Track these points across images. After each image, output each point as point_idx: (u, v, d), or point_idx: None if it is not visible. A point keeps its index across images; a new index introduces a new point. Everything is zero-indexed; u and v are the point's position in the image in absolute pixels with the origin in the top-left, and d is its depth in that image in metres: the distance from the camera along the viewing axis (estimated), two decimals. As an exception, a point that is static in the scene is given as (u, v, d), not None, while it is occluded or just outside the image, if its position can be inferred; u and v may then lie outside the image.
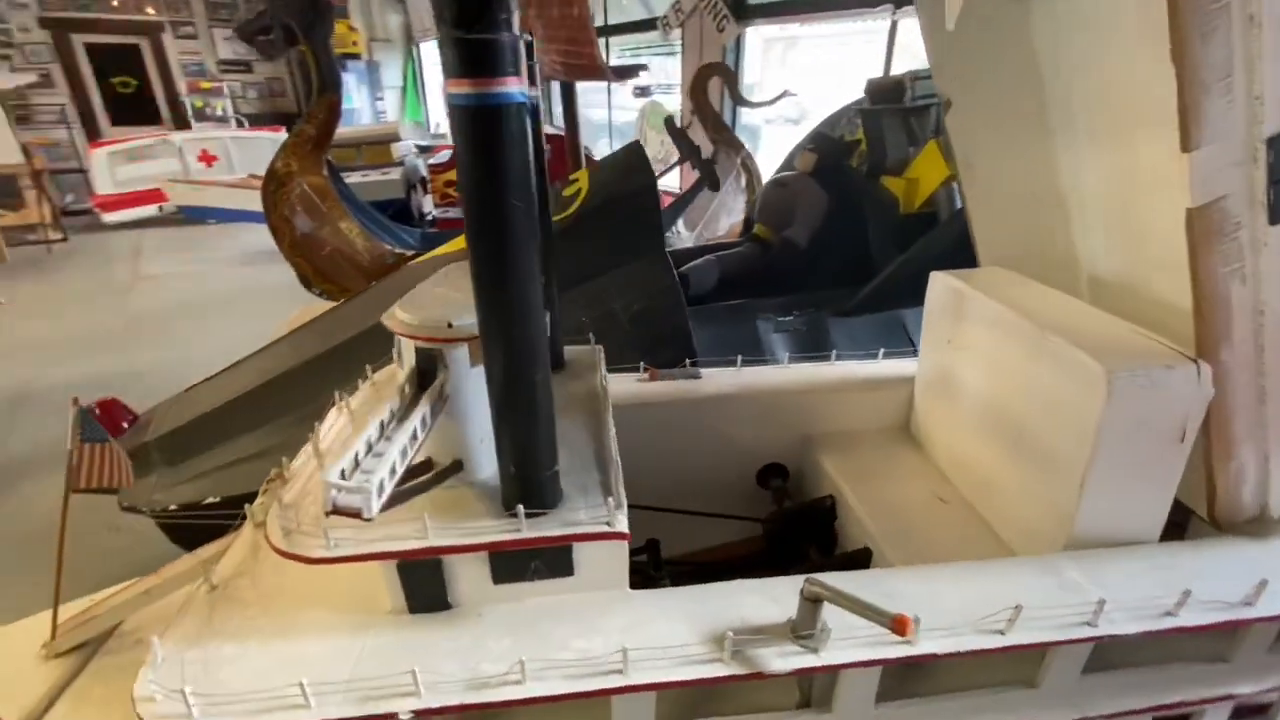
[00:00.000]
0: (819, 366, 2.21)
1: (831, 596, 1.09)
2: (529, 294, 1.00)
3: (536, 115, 1.52)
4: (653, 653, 1.11)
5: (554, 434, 1.16)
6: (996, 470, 1.69)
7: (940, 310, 1.90)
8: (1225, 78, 1.01)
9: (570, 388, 1.69)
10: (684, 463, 2.13)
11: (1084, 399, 1.29)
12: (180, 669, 1.10)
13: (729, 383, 2.12)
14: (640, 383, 2.13)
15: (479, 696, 1.07)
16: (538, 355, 1.05)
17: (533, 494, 1.16)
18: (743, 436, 2.14)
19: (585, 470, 1.31)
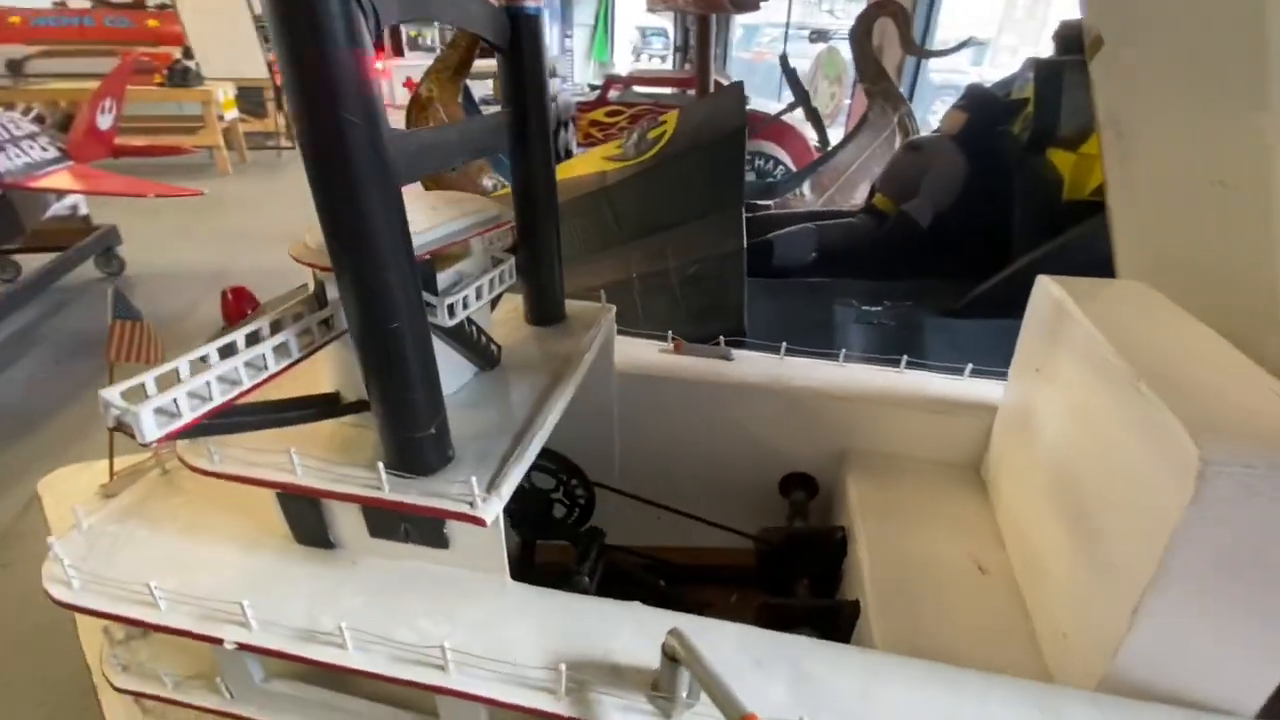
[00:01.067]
0: (882, 372, 1.82)
1: (686, 659, 0.85)
2: (374, 231, 0.86)
3: (536, 34, 1.33)
4: (489, 661, 0.97)
5: (432, 394, 1.03)
6: (1052, 549, 1.26)
7: (1036, 327, 1.44)
8: None
9: (551, 344, 1.54)
10: (699, 450, 1.91)
11: (1164, 486, 0.87)
12: (94, 539, 1.17)
13: (765, 371, 1.83)
14: (663, 353, 1.92)
15: (302, 650, 1.01)
16: (393, 303, 0.92)
17: (405, 454, 1.06)
18: (771, 435, 1.85)
19: (498, 437, 1.17)
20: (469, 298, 1.21)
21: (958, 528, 1.53)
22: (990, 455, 1.67)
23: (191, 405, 0.84)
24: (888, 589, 1.37)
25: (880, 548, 1.48)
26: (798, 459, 1.88)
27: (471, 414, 1.25)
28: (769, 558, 1.65)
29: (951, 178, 2.50)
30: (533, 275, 1.58)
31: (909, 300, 2.31)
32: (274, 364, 0.98)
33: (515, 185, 1.47)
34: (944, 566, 1.43)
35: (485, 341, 1.38)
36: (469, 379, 1.36)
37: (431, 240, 1.12)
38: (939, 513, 1.58)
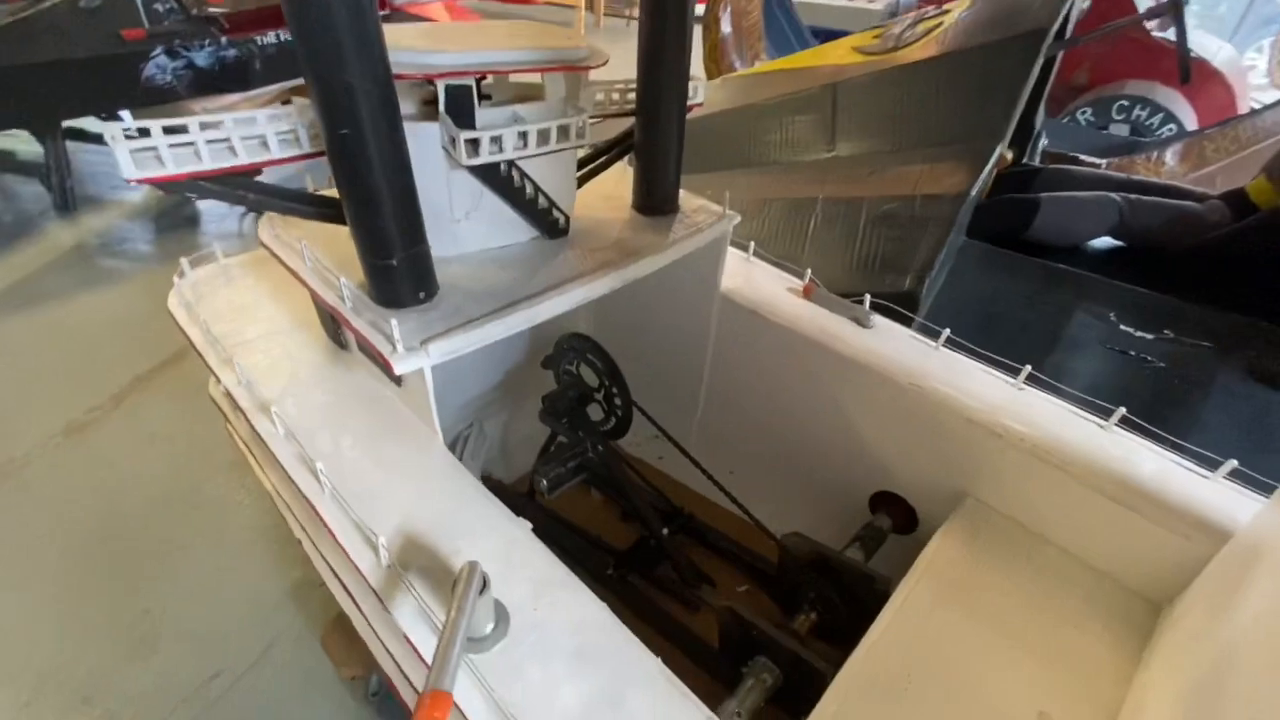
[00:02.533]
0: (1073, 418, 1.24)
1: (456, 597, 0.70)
2: (335, 29, 0.78)
3: None
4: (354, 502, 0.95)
5: (403, 222, 0.97)
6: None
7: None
8: None
9: (636, 234, 1.35)
10: (790, 421, 1.59)
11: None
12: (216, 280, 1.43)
13: (903, 357, 1.38)
14: (790, 292, 1.57)
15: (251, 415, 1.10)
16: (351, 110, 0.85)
17: (374, 279, 1.04)
18: (879, 439, 1.45)
19: (487, 300, 1.08)
20: (503, 140, 1.08)
21: (1058, 667, 1.02)
22: (1186, 598, 1.06)
23: (176, 159, 0.89)
24: (878, 681, 0.99)
25: (910, 628, 1.06)
26: (901, 480, 1.44)
27: (491, 271, 1.17)
28: (788, 567, 1.32)
29: None
30: (644, 155, 1.37)
31: (1208, 340, 1.50)
32: (277, 149, 0.99)
33: (641, 47, 1.25)
34: (987, 703, 0.97)
35: (545, 205, 1.25)
36: (522, 240, 1.27)
37: (459, 63, 0.99)
38: (1046, 635, 1.07)
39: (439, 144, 1.07)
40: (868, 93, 1.95)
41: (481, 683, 0.70)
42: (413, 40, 1.02)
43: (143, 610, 1.74)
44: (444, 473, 1.01)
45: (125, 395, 2.48)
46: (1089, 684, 0.99)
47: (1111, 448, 1.17)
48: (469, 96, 1.05)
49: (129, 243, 3.47)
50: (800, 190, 1.94)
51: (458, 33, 1.15)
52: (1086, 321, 1.60)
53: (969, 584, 1.14)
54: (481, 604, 0.73)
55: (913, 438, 1.35)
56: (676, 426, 1.51)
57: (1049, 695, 0.97)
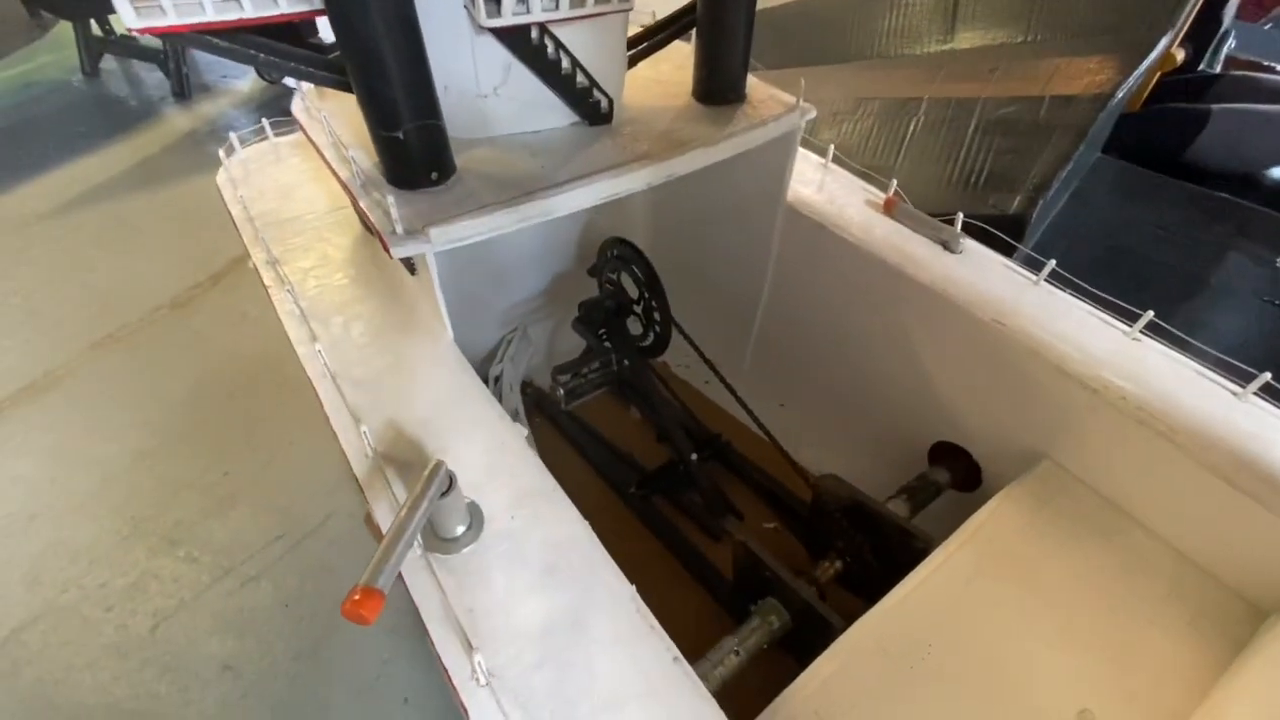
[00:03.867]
0: (1198, 380, 1.02)
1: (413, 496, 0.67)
2: None
3: None
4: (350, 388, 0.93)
5: (411, 90, 0.89)
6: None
7: None
8: None
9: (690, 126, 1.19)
10: (852, 349, 1.44)
11: None
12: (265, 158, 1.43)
13: (992, 291, 1.18)
14: (869, 206, 1.38)
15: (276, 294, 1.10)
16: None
17: (386, 155, 0.98)
18: (952, 380, 1.29)
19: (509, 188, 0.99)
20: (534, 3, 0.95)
21: (1118, 662, 0.88)
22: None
23: (178, 8, 0.84)
24: (890, 646, 0.89)
25: (943, 594, 0.95)
26: (969, 430, 1.28)
27: (519, 156, 1.07)
28: (820, 511, 1.22)
29: None
30: (706, 32, 1.20)
31: None
32: (287, 3, 0.91)
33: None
34: (1020, 690, 0.86)
35: (584, 84, 1.12)
36: (560, 125, 1.15)
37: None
38: (1113, 625, 0.92)
39: (461, 4, 0.96)
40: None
41: (438, 583, 0.67)
42: None
43: (224, 473, 1.91)
44: (449, 369, 0.97)
45: (223, 275, 2.65)
46: (1152, 688, 0.85)
47: (1243, 420, 0.95)
48: None
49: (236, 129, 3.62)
50: (904, 89, 1.66)
51: None
52: (1243, 265, 1.29)
53: (1025, 555, 0.99)
54: (449, 505, 0.69)
55: (989, 384, 1.17)
56: (730, 350, 1.40)
57: (1097, 693, 0.84)
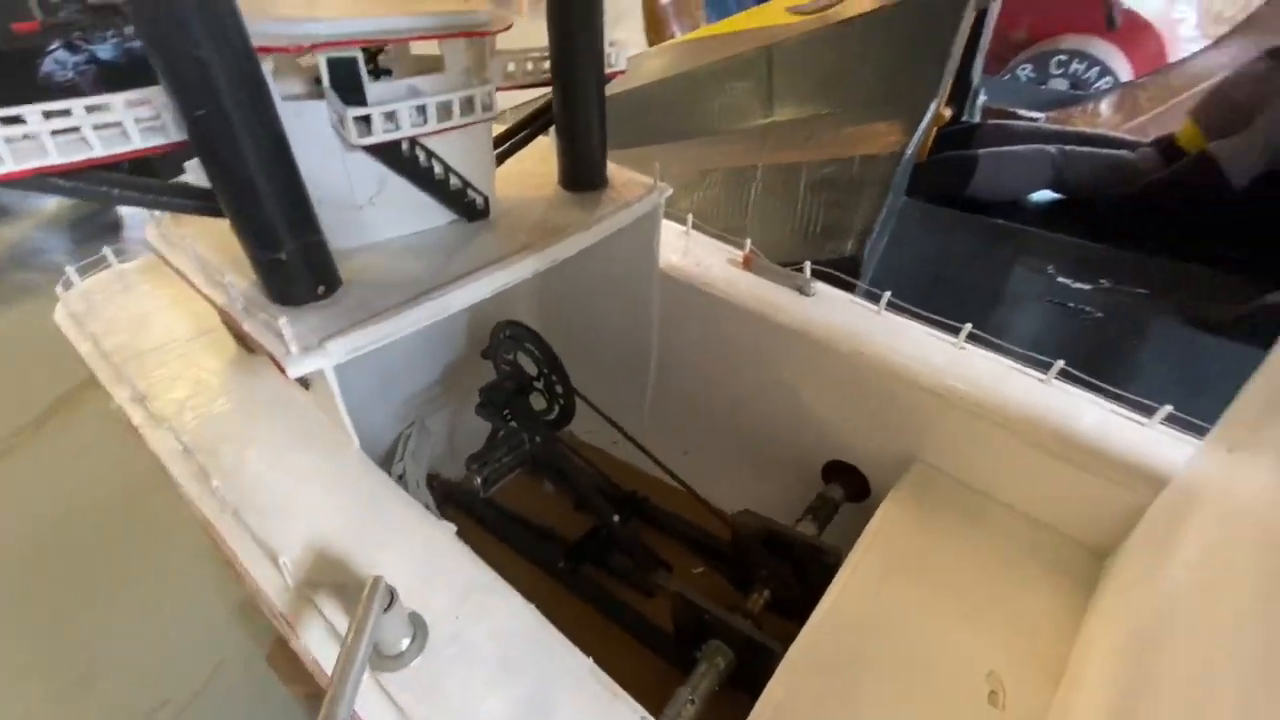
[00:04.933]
0: (1013, 375, 1.24)
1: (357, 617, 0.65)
2: (179, 17, 0.70)
3: None
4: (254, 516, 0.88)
5: (289, 211, 0.89)
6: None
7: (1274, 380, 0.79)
8: None
9: (563, 212, 1.29)
10: (739, 394, 1.56)
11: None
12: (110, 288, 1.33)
13: (843, 324, 1.35)
14: (730, 264, 1.53)
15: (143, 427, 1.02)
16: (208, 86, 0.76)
17: (265, 275, 0.96)
18: (826, 408, 1.43)
19: (398, 290, 1.01)
20: (399, 116, 1.00)
21: (1006, 625, 1.02)
22: (1127, 548, 1.06)
23: (15, 154, 0.80)
24: (826, 657, 0.97)
25: (859, 600, 1.05)
26: (852, 449, 1.43)
27: (402, 260, 1.10)
28: (740, 546, 1.30)
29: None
30: (565, 127, 1.31)
31: (1144, 286, 1.51)
32: (140, 138, 0.89)
33: (550, 12, 1.18)
34: (938, 667, 0.97)
35: (458, 185, 1.18)
36: (439, 224, 1.20)
37: (338, 32, 0.91)
38: (994, 594, 1.07)
39: (328, 125, 1.00)
40: (802, 54, 1.91)
41: (393, 703, 0.65)
42: (285, 7, 0.94)
43: (79, 642, 1.64)
44: (359, 479, 0.95)
45: (49, 417, 2.33)
46: (1036, 640, 0.99)
47: (1052, 401, 1.16)
48: (355, 69, 0.97)
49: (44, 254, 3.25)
50: (740, 159, 1.90)
51: (339, 0, 1.06)
52: (1026, 276, 1.60)
53: (917, 550, 1.13)
54: (391, 620, 0.68)
55: (859, 405, 1.33)
56: (628, 410, 1.47)
57: (998, 655, 0.97)
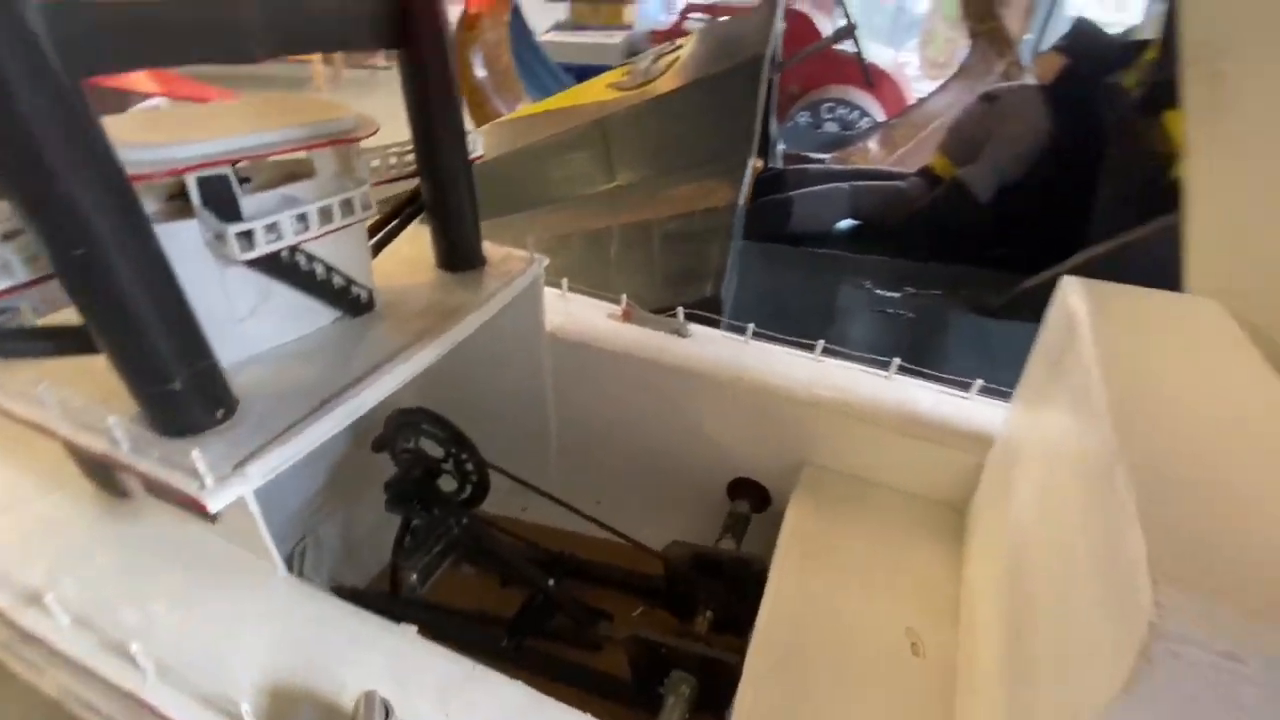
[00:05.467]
0: (864, 375, 1.47)
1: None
2: (34, 135, 0.66)
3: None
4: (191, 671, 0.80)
5: (179, 339, 0.84)
6: (988, 654, 0.93)
7: (1052, 343, 1.05)
8: None
9: (449, 294, 1.31)
10: (638, 436, 1.65)
11: (1103, 639, 0.53)
12: None
13: (721, 356, 1.52)
14: (610, 319, 1.64)
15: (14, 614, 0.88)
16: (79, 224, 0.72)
17: (153, 408, 0.88)
18: (720, 432, 1.56)
19: (302, 399, 0.97)
20: (282, 226, 1.00)
21: (908, 585, 1.20)
22: (977, 498, 1.30)
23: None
24: (780, 655, 1.07)
25: (793, 596, 1.17)
26: (750, 465, 1.58)
27: (295, 367, 1.06)
28: (678, 576, 1.38)
29: (1027, 140, 1.97)
30: (438, 213, 1.35)
31: (937, 289, 1.87)
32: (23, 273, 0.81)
33: (408, 99, 1.23)
34: (868, 636, 1.11)
35: (341, 283, 1.17)
36: (324, 324, 1.17)
37: (213, 152, 0.90)
38: (892, 562, 1.24)
39: (200, 242, 0.96)
40: (631, 125, 2.12)
41: None
42: (143, 133, 0.91)
43: None
44: (295, 603, 0.90)
45: None
46: (934, 592, 1.17)
47: (896, 393, 1.40)
48: (228, 186, 0.95)
49: None
50: (595, 222, 2.05)
51: (196, 117, 1.04)
52: (850, 293, 1.91)
53: (825, 540, 1.28)
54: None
55: (748, 425, 1.49)
56: (535, 472, 1.50)
57: (910, 612, 1.14)
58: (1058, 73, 2.00)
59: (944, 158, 2.21)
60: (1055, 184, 1.96)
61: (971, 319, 1.79)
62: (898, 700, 1.01)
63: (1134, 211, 1.74)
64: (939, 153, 2.25)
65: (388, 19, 1.10)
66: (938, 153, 2.26)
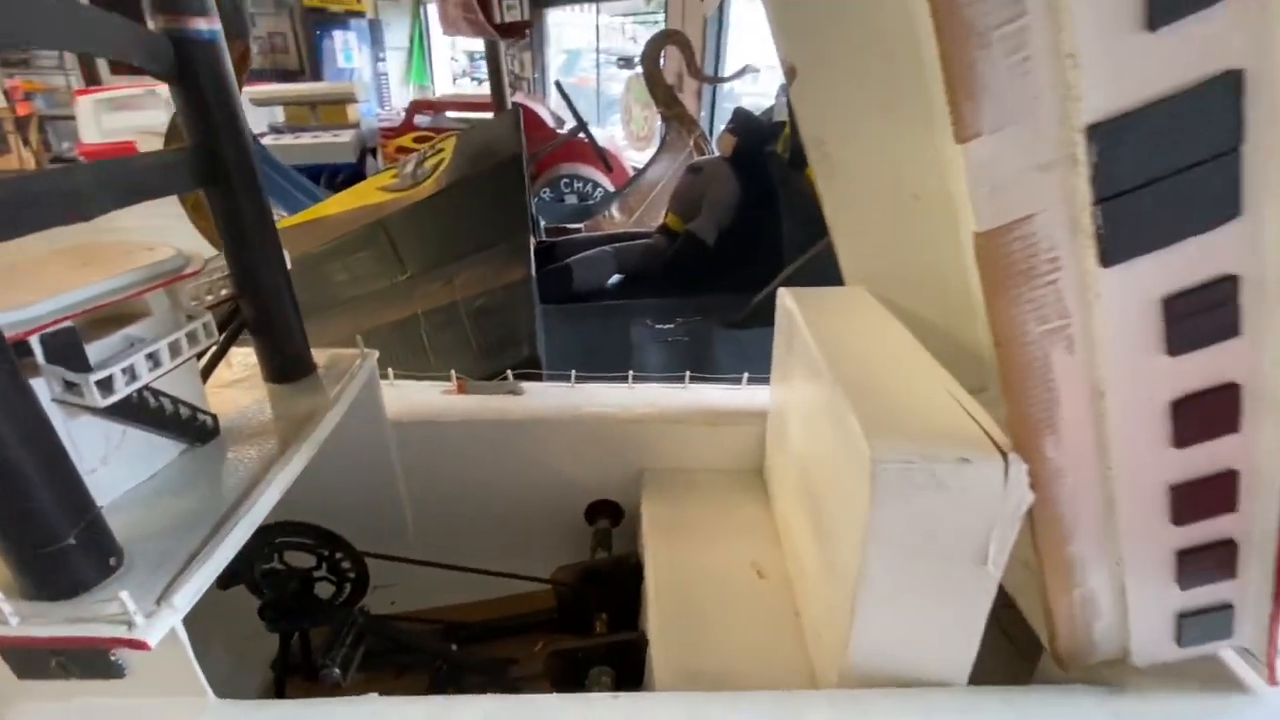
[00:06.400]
0: (668, 390, 1.85)
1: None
2: None
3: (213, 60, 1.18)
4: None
5: (66, 494, 0.84)
6: (805, 551, 1.33)
7: (781, 337, 1.52)
8: (1012, 20, 0.62)
9: (292, 403, 1.36)
10: (497, 491, 1.80)
11: (857, 488, 0.92)
12: None
13: (557, 401, 1.77)
14: (446, 395, 1.79)
15: None
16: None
17: (40, 574, 0.85)
18: (569, 466, 1.80)
19: (190, 529, 0.99)
20: (137, 368, 1.02)
21: (742, 534, 1.57)
22: (766, 460, 1.75)
23: None
24: (671, 613, 1.35)
25: (666, 569, 1.47)
26: (600, 486, 1.84)
27: (165, 502, 1.06)
28: (567, 598, 1.58)
29: (728, 197, 2.65)
30: (262, 327, 1.40)
31: (699, 316, 2.39)
32: None
33: (223, 228, 1.30)
34: (727, 577, 1.45)
35: (188, 414, 1.18)
36: (172, 458, 1.16)
37: (55, 309, 0.92)
38: (726, 522, 1.61)
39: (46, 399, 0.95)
40: (415, 221, 2.31)
41: None
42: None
43: None
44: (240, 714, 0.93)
45: None
46: (760, 533, 1.56)
47: (694, 397, 1.81)
48: (74, 339, 0.97)
49: None
50: (402, 312, 2.18)
51: (16, 275, 1.01)
52: (638, 331, 2.33)
53: (676, 521, 1.61)
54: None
55: (590, 453, 1.77)
56: (397, 545, 1.57)
57: (750, 552, 1.50)
58: (733, 147, 2.72)
59: (675, 216, 2.81)
60: (756, 225, 2.65)
61: (728, 333, 2.33)
62: (760, 610, 1.36)
63: (808, 237, 2.47)
64: (670, 212, 2.84)
65: (202, 162, 1.20)
66: (669, 213, 2.85)
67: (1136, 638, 0.99)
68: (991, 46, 0.62)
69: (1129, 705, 0.99)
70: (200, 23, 1.16)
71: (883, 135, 1.38)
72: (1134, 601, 0.96)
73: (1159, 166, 0.65)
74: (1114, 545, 0.91)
